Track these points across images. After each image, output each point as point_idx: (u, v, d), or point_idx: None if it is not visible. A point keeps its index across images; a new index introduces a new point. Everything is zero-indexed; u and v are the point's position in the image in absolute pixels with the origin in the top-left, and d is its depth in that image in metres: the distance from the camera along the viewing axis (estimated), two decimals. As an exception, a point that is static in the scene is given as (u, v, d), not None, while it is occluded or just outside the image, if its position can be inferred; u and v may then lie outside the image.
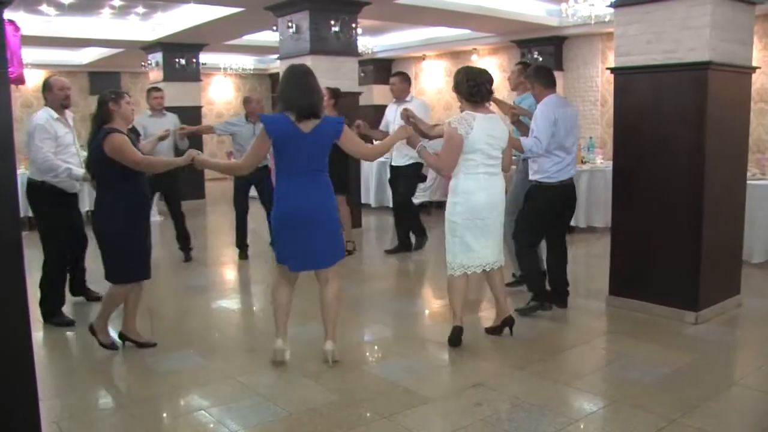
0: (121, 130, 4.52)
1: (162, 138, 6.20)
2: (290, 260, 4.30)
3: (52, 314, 5.44)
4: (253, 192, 7.97)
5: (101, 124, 4.54)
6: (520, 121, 5.63)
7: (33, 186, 5.41)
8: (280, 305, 4.47)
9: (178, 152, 7.11)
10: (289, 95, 4.17)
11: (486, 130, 4.57)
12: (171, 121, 7.94)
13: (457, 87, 4.69)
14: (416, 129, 4.92)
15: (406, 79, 8.06)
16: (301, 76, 4.22)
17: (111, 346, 4.75)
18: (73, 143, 5.55)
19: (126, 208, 4.53)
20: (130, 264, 4.60)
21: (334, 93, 7.80)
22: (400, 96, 7.90)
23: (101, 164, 4.49)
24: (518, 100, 6.31)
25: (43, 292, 5.46)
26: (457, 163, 4.63)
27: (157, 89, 8.37)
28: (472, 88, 4.61)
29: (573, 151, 5.39)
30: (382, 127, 8.02)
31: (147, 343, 4.80)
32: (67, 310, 5.59)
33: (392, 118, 7.81)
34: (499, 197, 4.74)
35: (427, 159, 4.71)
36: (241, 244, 8.06)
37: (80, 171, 5.35)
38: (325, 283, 4.41)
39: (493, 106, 5.79)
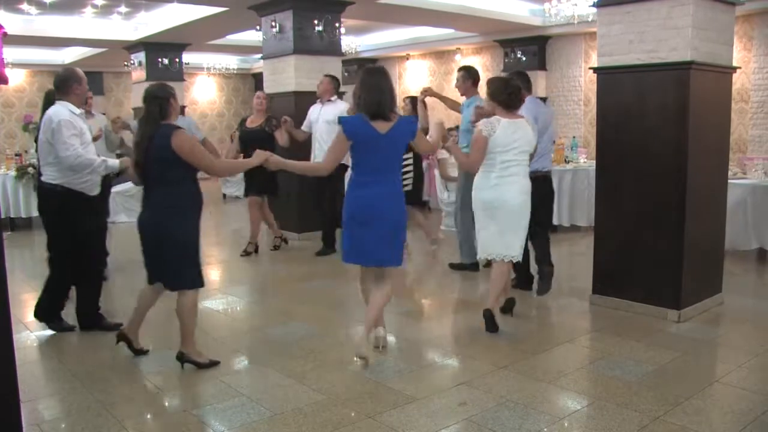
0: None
1: (95, 138, 5.83)
2: (351, 255, 4.45)
3: (51, 318, 5.23)
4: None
5: (159, 120, 4.19)
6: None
7: (45, 190, 5.00)
8: (368, 300, 4.61)
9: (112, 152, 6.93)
10: (360, 96, 4.32)
11: (510, 134, 4.90)
12: (101, 121, 7.36)
13: (494, 95, 5.02)
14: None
15: (334, 81, 8.10)
16: (371, 77, 4.38)
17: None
18: (91, 142, 5.18)
19: (196, 207, 4.37)
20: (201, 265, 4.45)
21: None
22: (323, 96, 7.99)
23: (168, 163, 4.14)
24: (467, 103, 6.73)
25: (47, 294, 5.19)
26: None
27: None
28: (510, 96, 4.98)
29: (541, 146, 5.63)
30: (304, 127, 8.14)
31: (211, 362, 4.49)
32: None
33: (315, 118, 7.98)
34: (513, 196, 4.96)
35: (458, 156, 5.20)
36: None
37: (116, 162, 5.04)
38: (379, 279, 4.51)
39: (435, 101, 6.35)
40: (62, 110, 4.84)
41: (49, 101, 5.36)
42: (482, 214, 5.05)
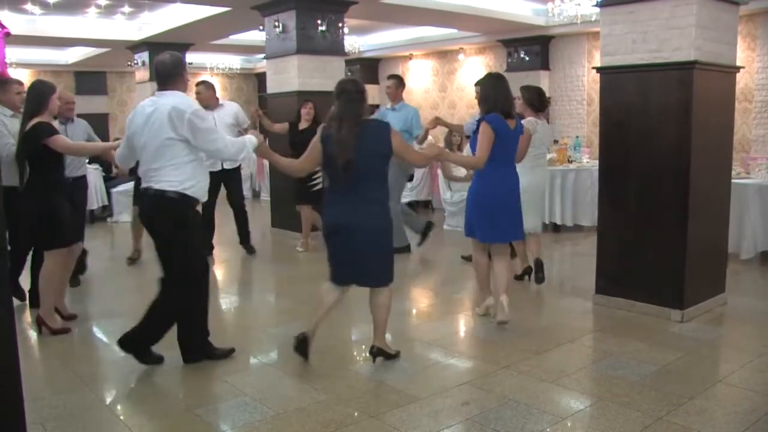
0: None
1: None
2: (495, 235, 5.13)
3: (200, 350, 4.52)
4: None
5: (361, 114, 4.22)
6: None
7: (173, 202, 4.15)
8: (481, 270, 5.36)
9: None
10: (496, 98, 4.99)
11: (541, 132, 6.18)
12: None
13: (532, 102, 6.17)
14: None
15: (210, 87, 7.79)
16: (502, 81, 5.12)
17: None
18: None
19: None
20: None
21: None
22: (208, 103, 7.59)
23: (385, 159, 4.22)
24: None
25: (191, 329, 4.48)
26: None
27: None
28: (544, 102, 6.35)
29: None
30: None
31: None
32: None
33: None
34: (537, 182, 6.32)
35: (455, 158, 5.80)
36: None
37: (254, 138, 4.41)
38: (497, 254, 5.23)
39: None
40: (188, 100, 4.22)
41: (38, 95, 4.93)
42: (525, 197, 5.63)
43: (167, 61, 4.28)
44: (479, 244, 5.29)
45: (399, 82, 7.78)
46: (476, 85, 6.91)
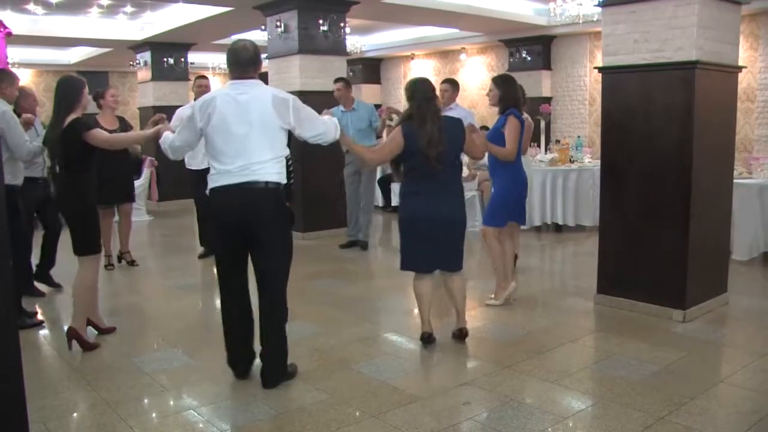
0: None
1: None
2: (517, 216, 5.85)
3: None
4: None
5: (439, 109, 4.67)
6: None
7: (279, 194, 3.94)
8: (502, 253, 5.78)
9: None
10: (512, 96, 5.58)
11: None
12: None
13: (524, 99, 6.29)
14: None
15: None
16: (514, 83, 5.70)
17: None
18: None
19: None
20: None
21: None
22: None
23: (460, 151, 4.70)
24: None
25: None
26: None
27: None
28: (525, 99, 6.46)
29: None
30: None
31: None
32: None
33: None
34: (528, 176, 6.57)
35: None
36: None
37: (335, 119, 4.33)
38: (511, 237, 5.97)
39: None
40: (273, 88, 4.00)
41: (70, 91, 4.72)
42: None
43: (250, 48, 3.93)
44: (494, 232, 5.68)
45: (348, 84, 8.28)
46: (443, 83, 7.52)
